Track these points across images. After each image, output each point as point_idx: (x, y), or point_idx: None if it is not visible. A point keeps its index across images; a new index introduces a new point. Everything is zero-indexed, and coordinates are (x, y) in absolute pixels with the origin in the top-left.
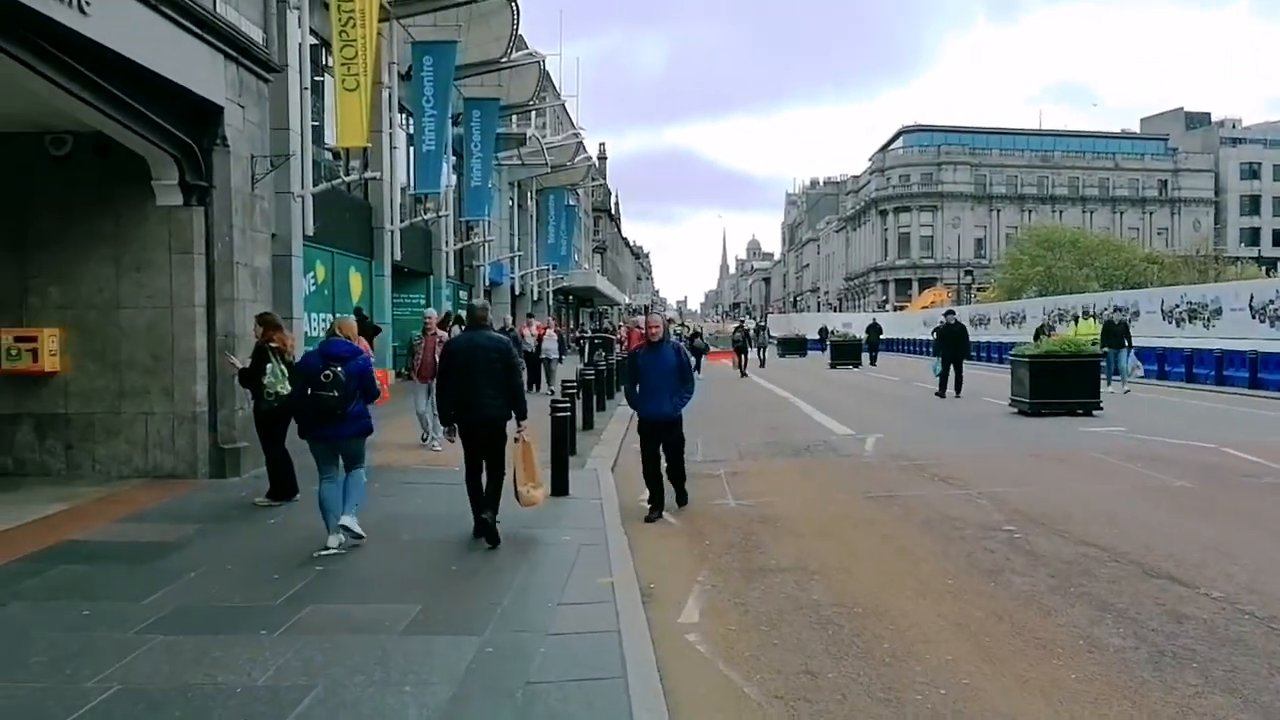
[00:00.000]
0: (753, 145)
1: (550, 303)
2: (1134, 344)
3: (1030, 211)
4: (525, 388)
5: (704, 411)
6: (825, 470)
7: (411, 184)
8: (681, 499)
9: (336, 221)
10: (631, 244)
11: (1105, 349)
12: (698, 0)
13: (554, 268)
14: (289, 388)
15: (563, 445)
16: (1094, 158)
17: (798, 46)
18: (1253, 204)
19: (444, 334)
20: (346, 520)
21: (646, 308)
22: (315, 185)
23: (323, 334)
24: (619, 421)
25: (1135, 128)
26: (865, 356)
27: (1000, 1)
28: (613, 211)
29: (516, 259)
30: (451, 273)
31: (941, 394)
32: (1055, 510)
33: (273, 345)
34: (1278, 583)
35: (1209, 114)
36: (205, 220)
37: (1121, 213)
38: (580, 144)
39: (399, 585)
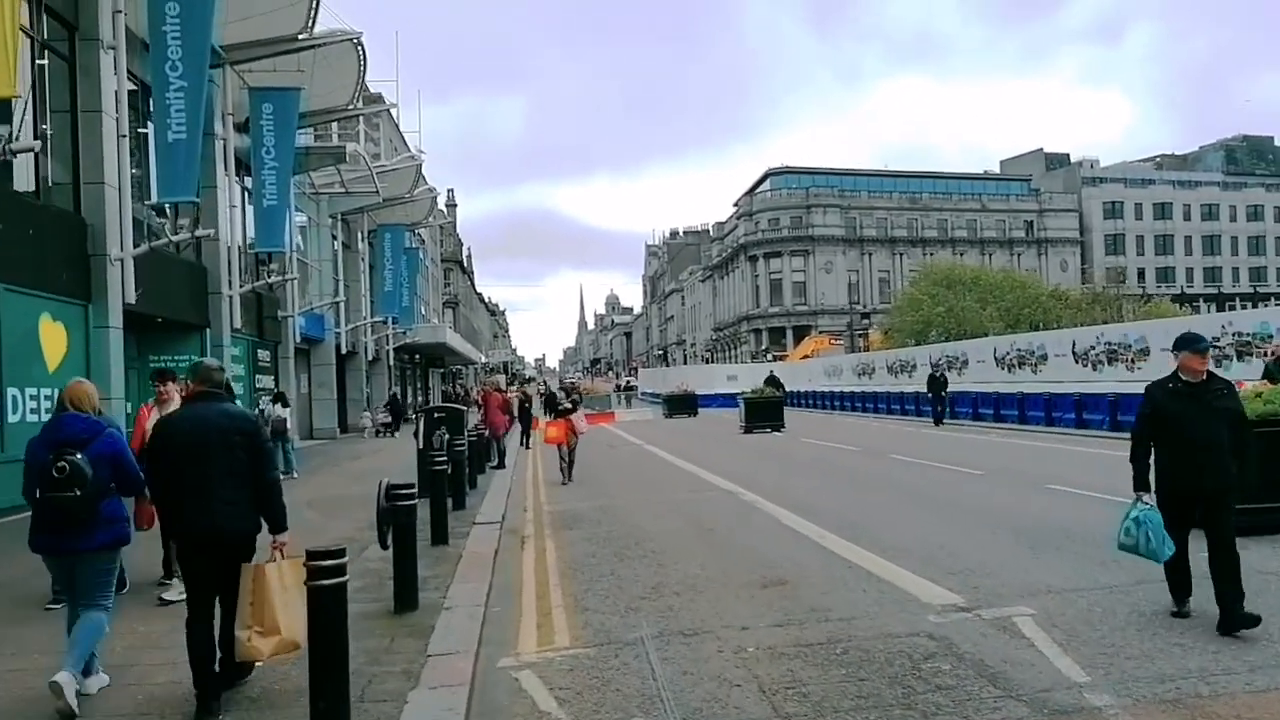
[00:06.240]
0: (608, 203)
1: (391, 363)
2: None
3: (901, 255)
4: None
5: (614, 534)
6: None
7: (153, 193)
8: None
9: (11, 242)
10: (487, 300)
11: None
12: (548, 62)
13: (393, 321)
14: None
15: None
16: (960, 199)
17: (651, 108)
18: (1116, 243)
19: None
20: (89, 683)
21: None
22: None
23: None
24: (475, 570)
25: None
26: None
27: (847, 70)
28: (465, 264)
29: (340, 307)
30: (238, 325)
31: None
32: None
33: None
34: None
35: (1068, 155)
36: None
37: (990, 254)
38: (419, 170)
39: None
